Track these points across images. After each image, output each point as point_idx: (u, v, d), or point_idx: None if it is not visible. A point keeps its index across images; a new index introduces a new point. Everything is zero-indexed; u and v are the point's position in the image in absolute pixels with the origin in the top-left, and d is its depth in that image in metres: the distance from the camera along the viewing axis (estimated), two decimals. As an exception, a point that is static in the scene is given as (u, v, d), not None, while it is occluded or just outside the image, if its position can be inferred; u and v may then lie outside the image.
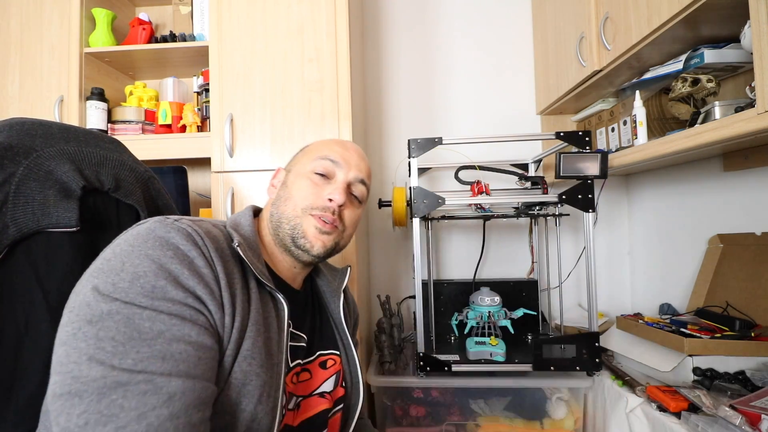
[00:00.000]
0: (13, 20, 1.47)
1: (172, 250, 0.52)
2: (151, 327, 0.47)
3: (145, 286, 0.48)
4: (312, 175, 0.72)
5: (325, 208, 0.70)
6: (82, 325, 0.46)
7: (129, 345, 0.45)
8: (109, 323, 0.46)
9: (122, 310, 0.47)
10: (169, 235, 0.53)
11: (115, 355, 0.44)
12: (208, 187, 1.44)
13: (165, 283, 0.49)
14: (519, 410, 1.23)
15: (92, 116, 1.47)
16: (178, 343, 0.48)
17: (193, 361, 0.48)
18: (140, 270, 0.49)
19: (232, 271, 0.58)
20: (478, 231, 1.65)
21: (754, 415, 0.77)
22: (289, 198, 0.71)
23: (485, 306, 1.30)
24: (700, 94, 1.04)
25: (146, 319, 0.47)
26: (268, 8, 1.39)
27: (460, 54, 1.79)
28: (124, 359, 0.45)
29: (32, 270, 0.57)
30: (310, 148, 0.78)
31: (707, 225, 1.28)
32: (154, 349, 0.46)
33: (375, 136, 1.80)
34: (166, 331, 0.48)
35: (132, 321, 0.47)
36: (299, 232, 0.69)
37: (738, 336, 0.98)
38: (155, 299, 0.48)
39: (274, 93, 1.37)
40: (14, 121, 0.62)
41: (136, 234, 0.53)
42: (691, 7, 0.88)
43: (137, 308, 0.47)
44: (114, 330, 0.46)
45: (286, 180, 0.75)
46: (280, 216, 0.70)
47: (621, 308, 1.63)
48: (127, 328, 0.46)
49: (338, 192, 0.70)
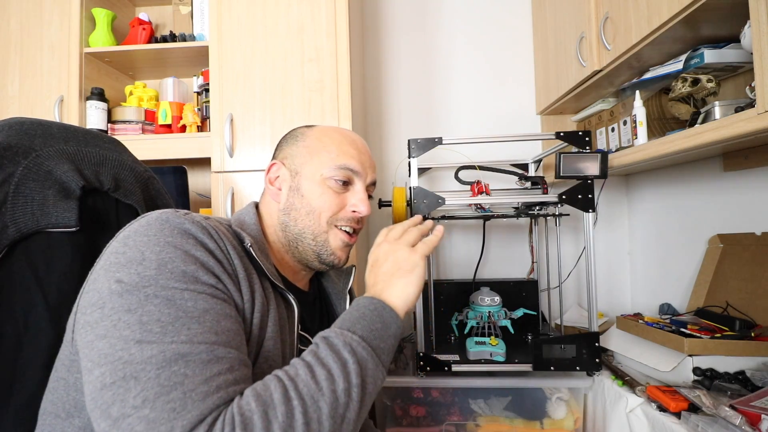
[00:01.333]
0: (13, 20, 1.47)
1: (192, 239, 0.51)
2: (195, 306, 0.46)
3: (174, 271, 0.47)
4: (333, 183, 0.68)
5: (350, 219, 0.68)
6: (121, 315, 0.43)
7: (178, 323, 0.44)
8: (150, 308, 0.44)
9: (160, 293, 0.45)
10: (185, 225, 0.52)
11: (165, 334, 0.43)
12: (208, 187, 1.44)
13: (195, 268, 0.48)
14: (519, 410, 1.23)
15: (92, 116, 1.47)
16: (226, 320, 0.47)
17: (240, 339, 0.48)
18: (165, 257, 0.47)
19: (249, 268, 0.57)
20: (478, 231, 1.65)
21: (754, 415, 0.77)
22: (311, 212, 0.67)
23: (485, 306, 1.30)
24: (700, 94, 1.04)
25: (188, 299, 0.46)
26: (268, 8, 1.39)
27: (460, 54, 1.79)
28: (178, 335, 0.43)
29: (32, 270, 0.57)
30: (316, 144, 0.70)
31: (707, 225, 1.27)
32: (204, 325, 0.45)
33: (375, 136, 1.80)
34: (210, 309, 0.46)
35: (174, 302, 0.45)
36: (326, 248, 0.67)
37: (738, 336, 0.98)
38: (189, 282, 0.47)
39: (274, 93, 1.37)
40: (13, 120, 0.62)
41: (147, 224, 0.51)
42: (691, 7, 0.88)
43: (176, 290, 0.46)
44: (157, 313, 0.44)
45: (297, 185, 0.69)
46: (302, 230, 0.67)
47: (621, 308, 1.62)
48: (171, 309, 0.44)
49: (364, 203, 0.69)
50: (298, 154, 0.71)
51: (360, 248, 1.41)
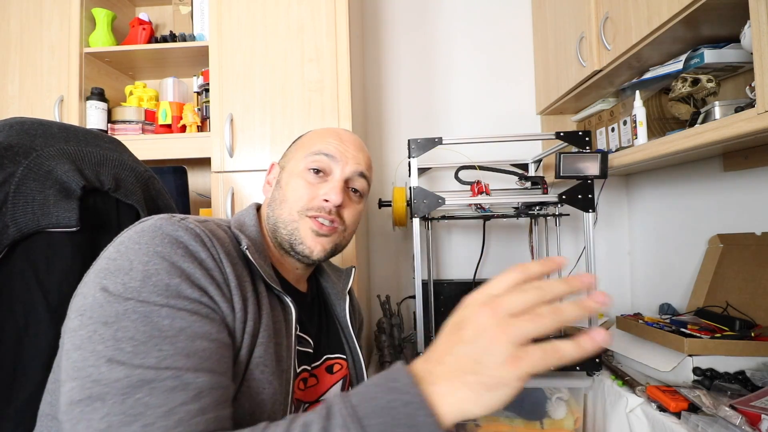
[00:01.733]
0: (13, 20, 1.47)
1: (182, 248, 0.50)
2: (171, 324, 0.45)
3: (158, 285, 0.46)
4: (306, 173, 0.67)
5: (320, 208, 0.66)
6: (97, 327, 0.43)
7: (150, 343, 0.43)
8: (126, 323, 0.44)
9: (138, 308, 0.45)
10: (178, 233, 0.51)
11: (136, 355, 0.42)
12: (208, 187, 1.44)
13: (179, 281, 0.48)
14: (519, 410, 1.23)
15: (92, 116, 1.47)
16: (201, 340, 0.46)
17: (216, 358, 0.47)
18: (151, 268, 0.47)
19: (242, 274, 0.56)
20: (478, 231, 1.64)
21: (754, 415, 0.77)
22: (284, 200, 0.67)
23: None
24: (700, 94, 1.04)
25: (165, 317, 0.45)
26: (268, 8, 1.39)
27: (460, 54, 1.79)
28: (147, 357, 0.42)
29: (32, 270, 0.57)
30: (303, 140, 0.73)
31: (707, 225, 1.28)
32: (177, 346, 0.44)
33: (375, 136, 1.80)
34: (187, 327, 0.46)
35: (150, 319, 0.44)
36: (297, 237, 0.66)
37: (738, 336, 0.98)
38: (170, 297, 0.46)
39: (274, 93, 1.37)
40: (14, 120, 0.62)
41: (141, 231, 0.51)
42: (691, 7, 0.88)
43: (154, 306, 0.45)
44: (132, 329, 0.43)
45: (280, 178, 0.71)
46: (276, 219, 0.68)
47: (621, 308, 1.62)
48: (146, 327, 0.44)
49: (335, 191, 0.66)
50: (290, 152, 0.74)
51: (360, 248, 1.41)
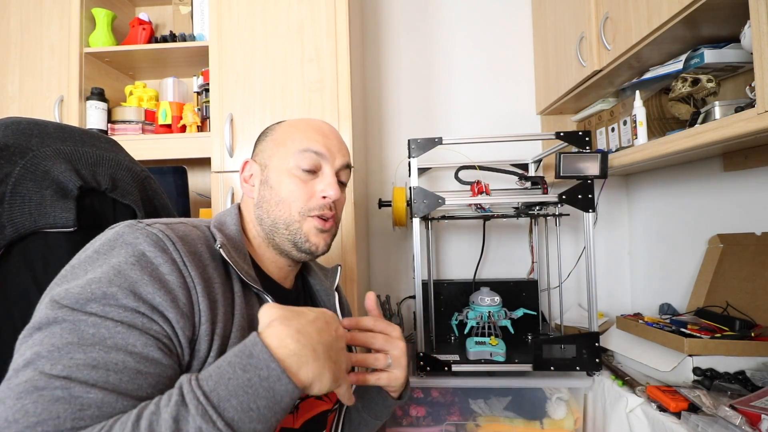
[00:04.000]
0: (13, 20, 1.47)
1: (136, 257, 0.50)
2: (94, 334, 0.45)
3: (95, 293, 0.46)
4: (299, 171, 0.68)
5: (321, 206, 0.68)
6: (32, 331, 0.45)
7: (64, 350, 0.43)
8: (55, 329, 0.44)
9: (69, 316, 0.45)
10: (137, 240, 0.51)
11: (48, 361, 0.43)
12: (208, 187, 1.44)
13: (116, 290, 0.47)
14: (519, 410, 1.23)
15: (92, 116, 1.47)
16: (118, 352, 0.45)
17: (129, 374, 0.45)
18: (95, 276, 0.47)
19: (211, 276, 0.56)
20: (478, 231, 1.64)
21: (754, 415, 0.77)
22: (280, 202, 0.67)
23: (485, 306, 1.30)
24: (700, 94, 1.04)
25: (90, 326, 0.45)
26: (268, 8, 1.39)
27: (460, 54, 1.78)
28: (55, 365, 0.42)
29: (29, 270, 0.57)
30: (279, 135, 0.71)
31: (707, 225, 1.27)
32: (88, 356, 0.44)
33: (375, 136, 1.80)
34: (108, 338, 0.45)
35: (77, 327, 0.45)
36: (301, 236, 0.67)
37: (738, 336, 0.98)
38: (104, 306, 0.46)
39: (274, 93, 1.37)
40: (10, 120, 0.62)
41: (104, 240, 0.52)
42: (691, 7, 0.88)
43: (83, 315, 0.45)
44: (57, 336, 0.44)
45: (266, 178, 0.69)
46: (274, 221, 0.67)
47: (621, 308, 1.62)
48: (70, 335, 0.44)
49: (332, 187, 0.68)
50: (267, 148, 0.71)
51: (360, 248, 1.41)
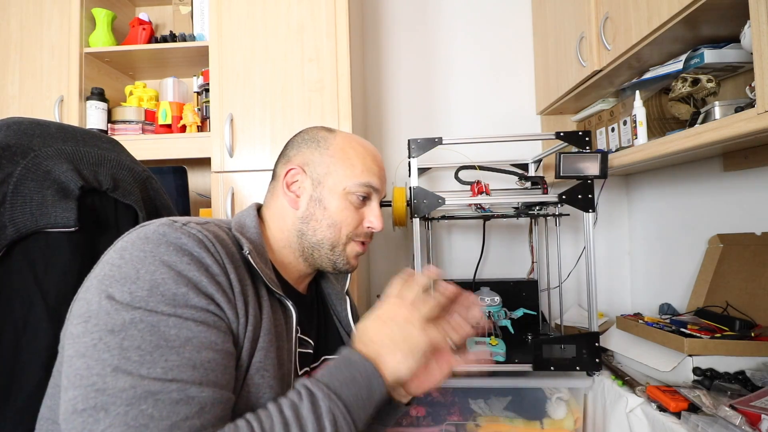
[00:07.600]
0: (13, 20, 1.47)
1: (188, 256, 0.50)
2: (178, 334, 0.45)
3: (165, 294, 0.47)
4: (354, 199, 0.69)
5: (366, 234, 0.72)
6: (103, 335, 0.44)
7: (157, 353, 0.44)
8: (133, 332, 0.44)
9: (146, 318, 0.45)
10: (181, 240, 0.51)
11: (142, 365, 0.43)
12: (208, 187, 1.44)
13: (186, 290, 0.48)
14: (519, 410, 1.23)
15: (92, 116, 1.47)
16: (207, 350, 0.47)
17: (220, 369, 0.47)
18: (158, 277, 0.47)
19: (244, 278, 0.56)
20: (478, 231, 1.64)
21: (754, 415, 0.77)
22: (333, 225, 0.68)
23: (485, 306, 1.30)
24: (700, 94, 1.04)
25: (172, 327, 0.45)
26: (268, 8, 1.39)
27: (460, 54, 1.79)
28: (153, 368, 0.43)
29: (30, 270, 0.57)
30: (341, 155, 0.69)
31: (707, 225, 1.27)
32: (183, 357, 0.45)
33: (375, 136, 1.79)
34: (193, 338, 0.46)
35: (157, 329, 0.45)
36: (342, 258, 0.70)
37: (738, 336, 0.98)
38: (178, 307, 0.47)
39: (274, 93, 1.37)
40: (11, 120, 0.62)
41: (145, 238, 0.51)
42: (691, 7, 0.88)
43: (162, 316, 0.46)
44: (139, 339, 0.44)
45: (320, 196, 0.68)
46: (320, 240, 0.68)
47: (621, 308, 1.62)
48: (153, 336, 0.44)
49: (379, 220, 0.71)
50: (321, 163, 0.69)
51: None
